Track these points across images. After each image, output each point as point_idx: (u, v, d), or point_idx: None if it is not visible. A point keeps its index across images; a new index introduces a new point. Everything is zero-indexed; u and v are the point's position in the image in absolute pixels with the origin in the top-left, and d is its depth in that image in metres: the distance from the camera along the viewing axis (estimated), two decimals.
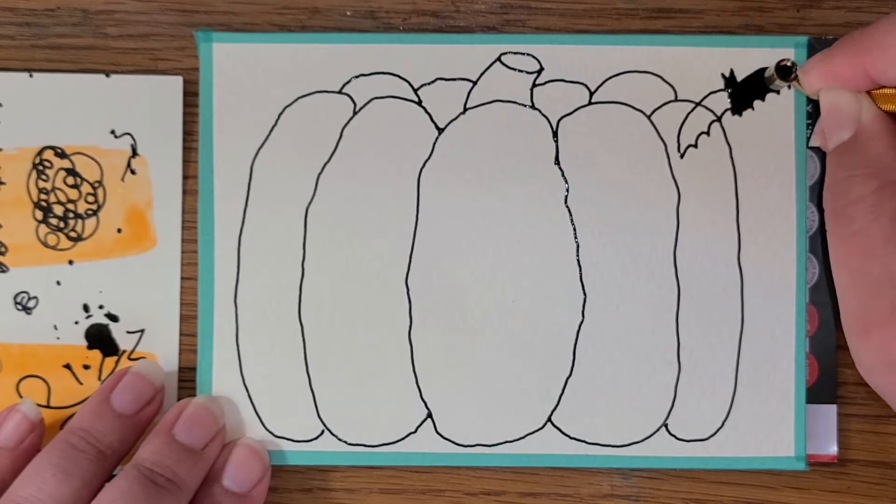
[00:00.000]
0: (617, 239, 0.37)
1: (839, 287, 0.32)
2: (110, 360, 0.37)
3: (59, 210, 0.37)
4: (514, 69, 0.37)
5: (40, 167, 0.37)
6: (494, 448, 0.37)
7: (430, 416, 0.37)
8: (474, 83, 0.37)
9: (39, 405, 0.37)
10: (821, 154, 0.37)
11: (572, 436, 0.37)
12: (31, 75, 0.37)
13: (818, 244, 0.37)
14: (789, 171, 0.37)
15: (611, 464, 0.37)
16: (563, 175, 0.37)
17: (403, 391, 0.37)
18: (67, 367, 0.37)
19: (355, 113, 0.37)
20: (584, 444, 0.37)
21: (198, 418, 0.34)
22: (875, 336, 0.30)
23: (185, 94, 0.38)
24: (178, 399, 0.37)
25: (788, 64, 0.36)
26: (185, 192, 0.38)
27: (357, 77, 0.37)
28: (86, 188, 0.37)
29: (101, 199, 0.37)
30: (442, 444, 0.37)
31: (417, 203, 0.37)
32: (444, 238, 0.37)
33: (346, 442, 0.37)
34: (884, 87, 0.33)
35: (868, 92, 0.33)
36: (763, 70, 0.37)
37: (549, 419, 0.37)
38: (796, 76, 0.35)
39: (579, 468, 0.37)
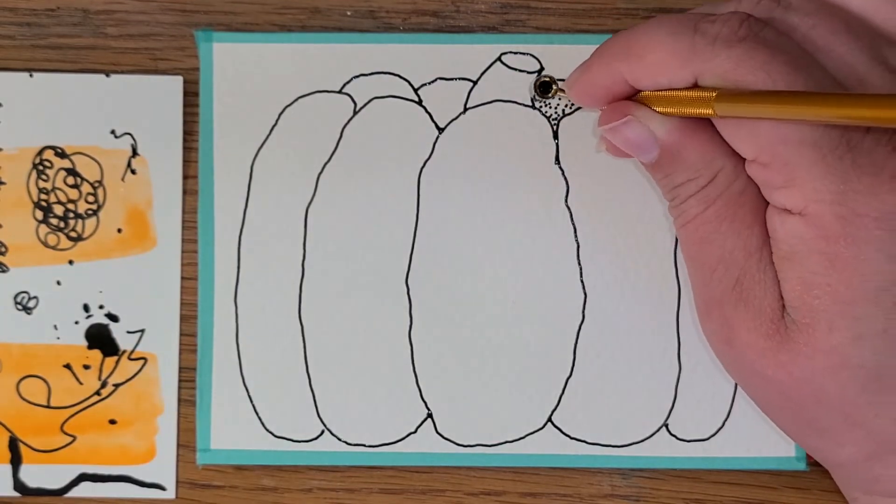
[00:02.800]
0: (617, 239, 0.37)
1: (689, 274, 0.32)
2: (110, 360, 0.37)
3: (59, 210, 0.37)
4: (515, 69, 0.37)
5: (40, 167, 0.37)
6: (494, 448, 0.37)
7: (430, 416, 0.37)
8: (474, 83, 0.37)
9: (39, 405, 0.37)
10: None
11: (572, 436, 0.37)
12: (31, 75, 0.37)
13: None
14: None
15: (611, 464, 0.37)
16: (563, 175, 0.37)
17: (403, 391, 0.37)
18: (67, 367, 0.37)
19: (355, 113, 0.37)
20: (584, 444, 0.37)
21: None
22: (714, 313, 0.31)
23: (185, 94, 0.38)
24: (178, 399, 0.37)
25: (547, 79, 0.36)
26: (185, 192, 0.38)
27: (357, 77, 0.37)
28: (86, 188, 0.37)
29: (101, 199, 0.37)
30: (442, 444, 0.37)
31: (417, 203, 0.37)
32: (444, 238, 0.37)
33: (346, 442, 0.37)
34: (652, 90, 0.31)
35: (639, 96, 0.32)
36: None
37: (550, 419, 0.37)
38: (558, 90, 0.36)
39: (579, 468, 0.37)
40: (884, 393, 0.28)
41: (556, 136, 0.37)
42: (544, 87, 0.36)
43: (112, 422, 0.37)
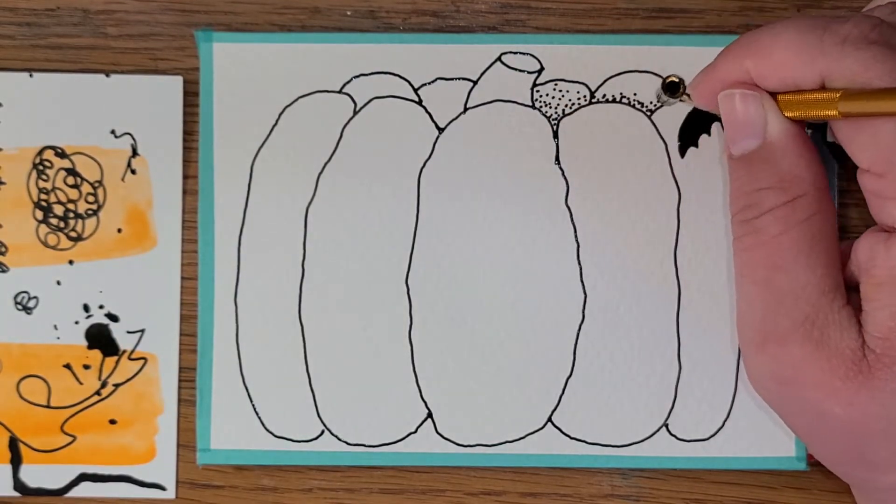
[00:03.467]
0: (617, 239, 0.37)
1: (741, 297, 0.31)
2: (110, 360, 0.37)
3: (59, 210, 0.37)
4: (515, 69, 0.37)
5: (40, 167, 0.37)
6: (494, 448, 0.37)
7: (430, 416, 0.37)
8: (475, 83, 0.37)
9: (39, 405, 0.37)
10: (821, 154, 0.37)
11: (572, 436, 0.37)
12: (31, 75, 0.37)
13: None
14: None
15: (611, 464, 0.37)
16: (563, 175, 0.37)
17: (403, 391, 0.37)
18: (67, 367, 0.37)
19: (355, 113, 0.37)
20: (584, 444, 0.37)
21: None
22: (771, 349, 0.30)
23: (185, 94, 0.38)
24: (178, 399, 0.37)
25: (676, 80, 0.35)
26: (185, 192, 0.38)
27: (357, 77, 0.37)
28: (86, 188, 0.37)
29: (101, 199, 0.37)
30: (442, 444, 0.37)
31: (417, 203, 0.37)
32: (444, 238, 0.37)
33: (346, 442, 0.37)
34: (776, 92, 0.31)
35: (772, 95, 0.31)
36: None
37: (550, 419, 0.37)
38: (685, 91, 0.35)
39: (579, 468, 0.37)
40: None
41: (556, 136, 0.37)
42: (673, 88, 0.36)
43: (112, 422, 0.37)
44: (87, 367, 0.37)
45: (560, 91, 0.37)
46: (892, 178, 0.27)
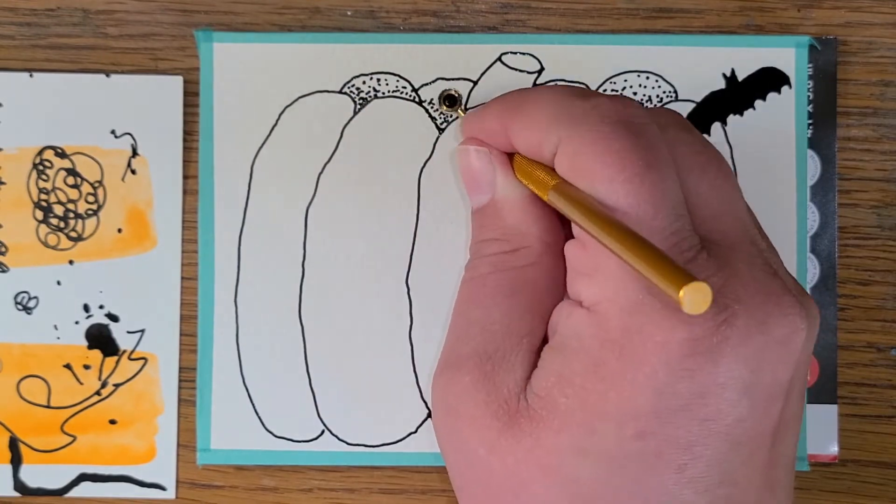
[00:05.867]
0: None
1: (448, 326, 0.32)
2: (110, 360, 0.37)
3: (59, 210, 0.37)
4: (515, 69, 0.37)
5: (40, 167, 0.37)
6: None
7: (430, 415, 0.37)
8: (475, 83, 0.37)
9: (39, 405, 0.37)
10: (821, 154, 0.37)
11: None
12: (31, 75, 0.37)
13: (819, 244, 0.37)
14: (790, 171, 0.37)
15: None
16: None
17: (403, 391, 0.37)
18: (67, 367, 0.37)
19: (355, 113, 0.37)
20: None
21: None
22: (447, 374, 0.30)
23: (186, 94, 0.38)
24: (178, 399, 0.37)
25: (454, 94, 0.36)
26: (185, 192, 0.38)
27: (357, 77, 0.37)
28: (86, 188, 0.37)
29: (101, 199, 0.37)
30: None
31: (417, 203, 0.37)
32: (444, 238, 0.37)
33: (346, 442, 0.37)
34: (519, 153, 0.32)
35: (510, 154, 0.32)
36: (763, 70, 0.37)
37: None
38: (462, 107, 0.36)
39: None
40: None
41: None
42: (451, 101, 0.37)
43: (112, 422, 0.37)
44: (87, 367, 0.37)
45: None
46: (591, 253, 0.28)
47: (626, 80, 0.37)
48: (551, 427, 0.27)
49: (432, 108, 0.37)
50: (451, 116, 0.37)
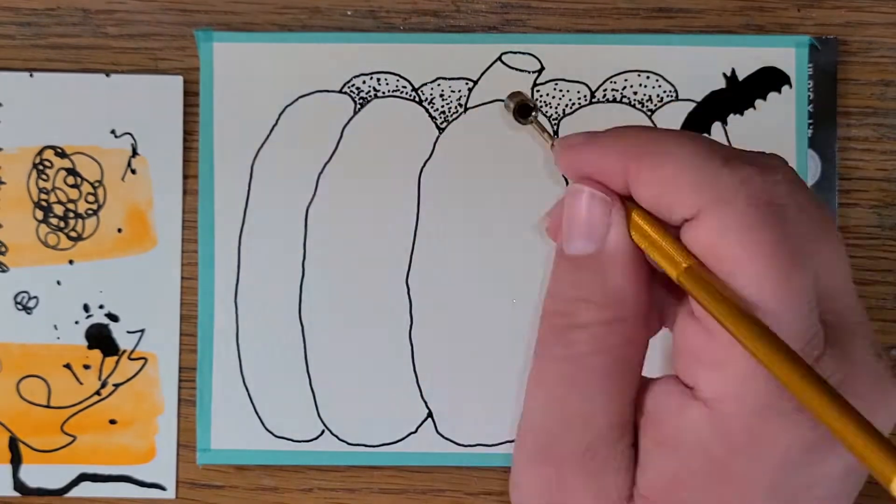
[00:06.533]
0: None
1: (530, 403, 0.28)
2: (110, 360, 0.37)
3: (59, 210, 0.37)
4: (515, 69, 0.37)
5: (40, 167, 0.37)
6: (495, 448, 0.37)
7: (430, 415, 0.37)
8: (475, 83, 0.37)
9: (39, 405, 0.37)
10: (822, 154, 0.37)
11: None
12: (31, 75, 0.37)
13: None
14: None
15: None
16: (563, 174, 0.37)
17: (403, 391, 0.37)
18: (67, 366, 0.37)
19: (355, 113, 0.37)
20: None
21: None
22: (546, 468, 0.27)
23: (185, 94, 0.38)
24: (178, 399, 0.37)
25: (530, 104, 0.30)
26: (185, 192, 0.38)
27: (357, 77, 0.37)
28: (86, 188, 0.37)
29: (101, 198, 0.37)
30: (442, 444, 0.37)
31: (417, 203, 0.37)
32: (444, 238, 0.37)
33: (346, 442, 0.37)
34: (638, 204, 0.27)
35: (623, 202, 0.27)
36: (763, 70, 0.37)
37: None
38: (534, 119, 0.30)
39: None
40: None
41: (556, 135, 0.37)
42: (524, 111, 0.30)
43: (112, 422, 0.37)
44: (87, 367, 0.37)
45: (560, 91, 0.37)
46: (719, 344, 0.25)
47: (626, 80, 0.37)
48: None
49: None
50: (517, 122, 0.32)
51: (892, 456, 0.21)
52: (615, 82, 0.37)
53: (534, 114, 0.29)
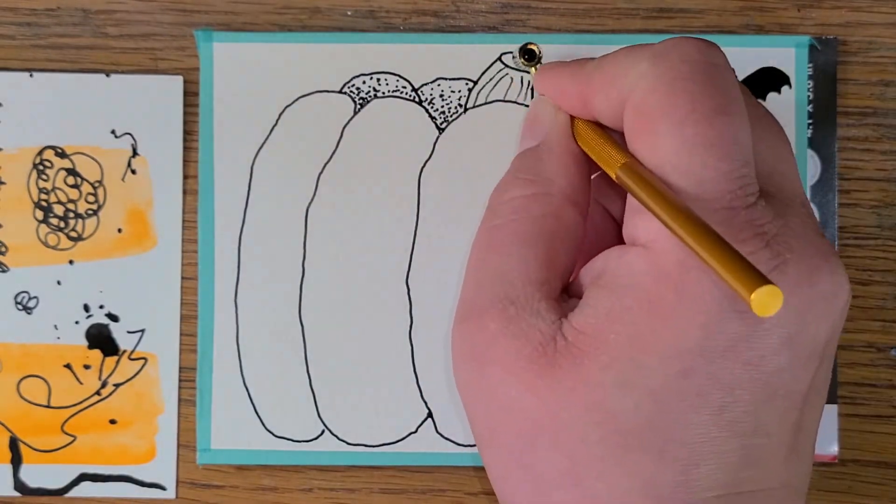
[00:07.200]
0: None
1: (465, 274, 0.31)
2: (111, 360, 0.37)
3: (59, 210, 0.37)
4: (515, 69, 0.37)
5: (40, 167, 0.37)
6: None
7: (430, 415, 0.37)
8: (475, 83, 0.37)
9: (39, 405, 0.37)
10: (821, 154, 0.37)
11: None
12: (31, 75, 0.37)
13: None
14: None
15: None
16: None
17: (403, 391, 0.37)
18: (68, 367, 0.37)
19: (355, 113, 0.37)
20: None
21: None
22: (468, 324, 0.29)
23: (186, 94, 0.38)
24: (178, 399, 0.37)
25: (536, 49, 0.36)
26: (185, 192, 0.38)
27: (357, 77, 0.37)
28: (86, 188, 0.37)
29: (101, 198, 0.37)
30: (442, 444, 0.37)
31: (417, 203, 0.37)
32: (444, 238, 0.37)
33: (346, 442, 0.37)
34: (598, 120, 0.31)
35: (574, 118, 0.32)
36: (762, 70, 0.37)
37: None
38: (539, 62, 0.36)
39: None
40: (620, 452, 0.26)
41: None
42: (529, 55, 0.36)
43: (112, 422, 0.37)
44: (87, 367, 0.37)
45: None
46: None
47: None
48: (598, 363, 0.27)
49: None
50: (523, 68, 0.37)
51: (750, 274, 0.23)
52: None
53: (539, 55, 0.36)
